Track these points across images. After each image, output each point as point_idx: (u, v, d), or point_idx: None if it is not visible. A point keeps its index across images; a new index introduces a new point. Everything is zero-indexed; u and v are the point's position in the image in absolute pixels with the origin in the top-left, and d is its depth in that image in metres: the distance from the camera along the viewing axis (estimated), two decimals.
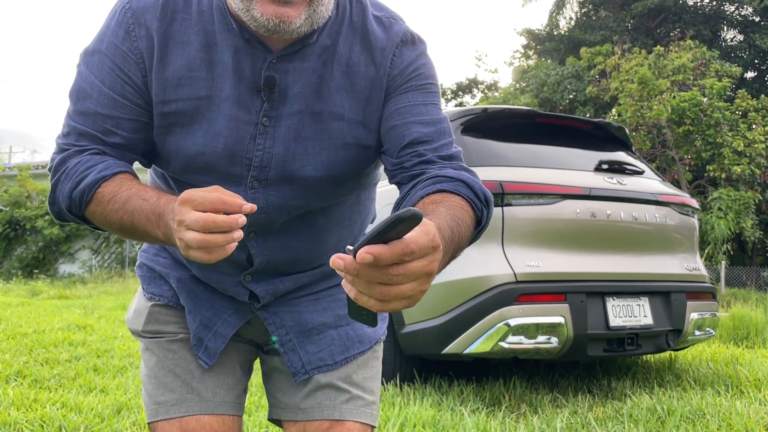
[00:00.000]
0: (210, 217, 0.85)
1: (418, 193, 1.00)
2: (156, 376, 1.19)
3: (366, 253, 0.65)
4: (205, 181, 1.07)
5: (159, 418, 1.16)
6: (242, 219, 0.87)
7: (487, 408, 3.29)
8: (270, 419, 1.27)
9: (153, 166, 1.19)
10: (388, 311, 0.72)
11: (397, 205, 1.03)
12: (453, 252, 0.90)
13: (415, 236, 0.68)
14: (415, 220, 0.66)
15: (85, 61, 1.09)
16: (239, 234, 0.87)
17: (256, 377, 3.91)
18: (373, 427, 1.21)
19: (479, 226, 1.01)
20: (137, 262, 1.34)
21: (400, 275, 0.67)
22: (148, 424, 1.19)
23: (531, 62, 23.47)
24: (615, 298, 3.56)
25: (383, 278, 0.67)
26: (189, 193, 0.88)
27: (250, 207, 0.87)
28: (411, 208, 0.66)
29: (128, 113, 1.07)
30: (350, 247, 0.69)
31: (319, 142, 1.09)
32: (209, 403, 1.16)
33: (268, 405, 1.27)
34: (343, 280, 0.71)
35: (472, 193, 1.00)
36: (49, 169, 1.09)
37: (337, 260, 0.68)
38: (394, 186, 1.11)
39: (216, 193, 0.88)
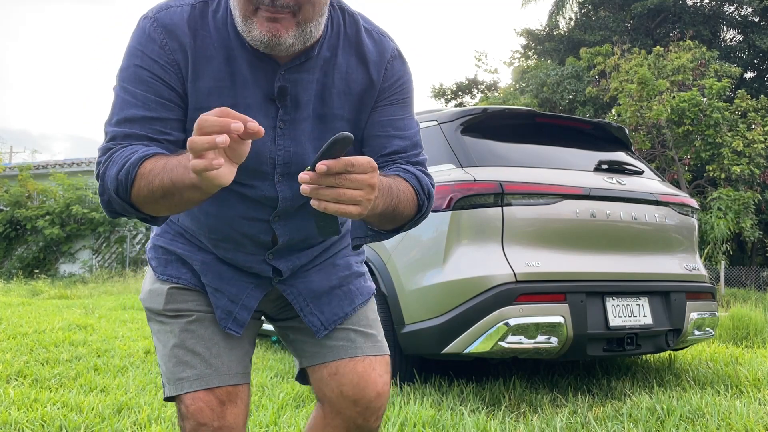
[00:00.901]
0: (203, 117, 0.93)
1: None
2: (176, 355, 1.34)
3: (321, 165, 0.95)
4: (237, 176, 1.18)
5: (184, 392, 1.31)
6: (236, 125, 0.92)
7: (487, 408, 3.30)
8: (300, 370, 1.47)
9: None
10: (345, 214, 0.98)
11: None
12: (394, 206, 1.17)
13: (356, 157, 0.98)
14: (347, 139, 0.95)
15: (123, 78, 1.20)
16: (223, 139, 0.91)
17: (257, 377, 3.92)
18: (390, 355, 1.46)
19: (421, 211, 1.28)
20: (149, 245, 1.45)
21: (348, 180, 0.97)
22: (167, 398, 1.35)
23: (531, 62, 23.48)
24: (614, 297, 3.57)
25: (336, 182, 0.97)
26: (203, 115, 0.95)
27: (257, 127, 0.95)
28: (343, 132, 0.95)
29: (175, 114, 1.21)
30: (308, 168, 0.96)
31: (324, 140, 1.26)
32: (225, 375, 1.34)
33: (296, 361, 1.48)
34: (311, 200, 0.98)
35: (419, 185, 1.27)
36: (97, 176, 1.18)
37: (303, 175, 0.97)
38: None
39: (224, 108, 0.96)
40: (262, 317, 1.52)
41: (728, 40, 22.45)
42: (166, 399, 1.35)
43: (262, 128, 0.96)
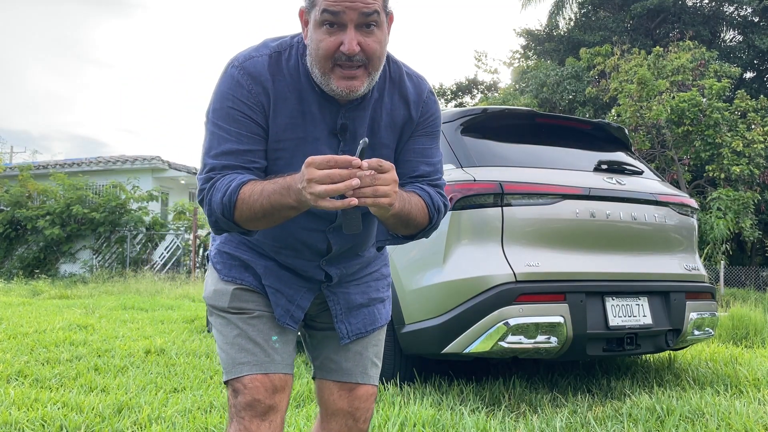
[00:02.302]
0: (333, 172, 1.22)
1: None
2: (238, 343, 1.55)
3: (364, 163, 1.23)
4: None
5: (244, 374, 1.52)
6: (355, 181, 1.22)
7: (486, 407, 3.30)
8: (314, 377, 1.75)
9: None
10: (380, 204, 1.26)
11: None
12: (407, 210, 1.43)
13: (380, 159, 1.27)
14: (367, 145, 1.26)
15: (217, 117, 1.45)
16: (356, 182, 1.22)
17: None
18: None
19: (431, 222, 1.53)
20: (214, 251, 1.67)
21: (379, 179, 1.25)
22: (226, 381, 1.55)
23: (530, 63, 23.47)
24: (614, 297, 3.57)
25: (371, 181, 1.23)
26: (311, 158, 1.24)
27: (358, 162, 1.23)
28: (365, 139, 1.25)
29: (261, 145, 1.46)
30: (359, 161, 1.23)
31: None
32: (279, 365, 1.56)
33: (314, 367, 1.72)
34: (348, 200, 1.22)
35: (430, 200, 1.53)
36: (200, 200, 1.43)
37: (355, 181, 1.22)
38: None
39: (328, 156, 1.23)
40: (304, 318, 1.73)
41: (728, 41, 22.45)
42: (225, 382, 1.57)
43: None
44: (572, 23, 23.58)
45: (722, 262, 13.57)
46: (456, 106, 24.85)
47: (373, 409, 1.72)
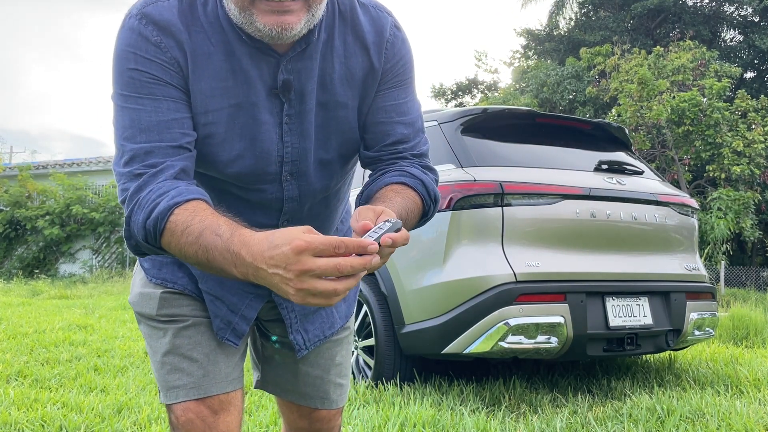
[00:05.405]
0: (346, 260, 0.88)
1: (386, 179, 1.20)
2: (170, 362, 1.26)
3: (388, 237, 0.93)
4: (244, 180, 1.19)
5: (179, 400, 1.24)
6: (376, 259, 0.91)
7: (487, 408, 3.30)
8: (258, 388, 1.52)
9: None
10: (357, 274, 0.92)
11: (368, 185, 1.23)
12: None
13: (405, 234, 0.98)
14: (399, 224, 0.99)
15: (120, 86, 1.09)
16: (363, 272, 0.91)
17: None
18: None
19: (426, 216, 1.24)
20: None
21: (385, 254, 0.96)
22: (163, 404, 1.29)
23: (531, 62, 23.47)
24: (615, 298, 3.57)
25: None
26: (304, 243, 0.88)
27: (376, 247, 0.90)
28: (399, 221, 0.99)
29: (187, 111, 1.11)
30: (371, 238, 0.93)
31: (326, 129, 1.21)
32: (222, 382, 1.28)
33: (262, 378, 1.50)
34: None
35: (426, 193, 1.21)
36: (122, 201, 1.08)
37: (371, 247, 0.90)
38: None
39: (328, 236, 0.90)
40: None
41: (728, 40, 22.45)
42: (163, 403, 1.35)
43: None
44: (572, 23, 23.58)
45: (723, 262, 13.56)
46: (456, 106, 24.85)
47: (340, 424, 1.51)
